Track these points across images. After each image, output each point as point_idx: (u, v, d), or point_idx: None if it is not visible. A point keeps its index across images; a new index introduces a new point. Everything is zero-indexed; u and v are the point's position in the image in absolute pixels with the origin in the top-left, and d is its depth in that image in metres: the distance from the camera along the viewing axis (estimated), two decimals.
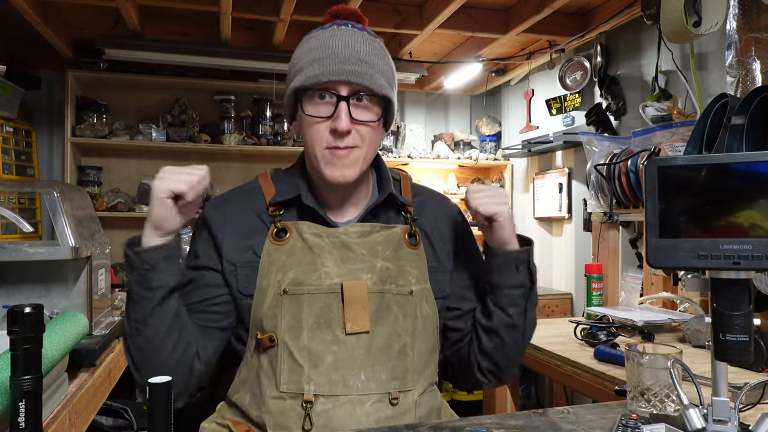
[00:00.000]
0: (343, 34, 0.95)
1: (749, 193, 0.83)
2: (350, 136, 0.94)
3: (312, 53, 0.94)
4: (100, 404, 1.46)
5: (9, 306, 0.68)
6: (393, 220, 1.05)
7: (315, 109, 0.95)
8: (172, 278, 0.92)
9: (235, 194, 1.06)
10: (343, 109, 0.93)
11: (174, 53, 2.91)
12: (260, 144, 3.26)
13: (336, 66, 0.92)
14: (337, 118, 0.93)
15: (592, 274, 2.31)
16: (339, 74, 0.92)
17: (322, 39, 0.95)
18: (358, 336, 0.94)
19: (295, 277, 0.94)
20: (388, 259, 0.99)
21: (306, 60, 0.94)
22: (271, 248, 0.97)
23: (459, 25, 2.78)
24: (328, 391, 0.91)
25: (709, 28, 1.81)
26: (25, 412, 0.67)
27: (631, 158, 2.20)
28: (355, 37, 0.95)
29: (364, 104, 0.96)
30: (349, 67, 0.92)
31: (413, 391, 0.97)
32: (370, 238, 0.99)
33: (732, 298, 0.84)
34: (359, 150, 0.96)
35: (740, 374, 1.36)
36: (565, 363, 1.61)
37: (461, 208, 1.15)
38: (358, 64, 0.93)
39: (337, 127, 0.92)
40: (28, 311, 0.67)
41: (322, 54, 0.93)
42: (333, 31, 0.96)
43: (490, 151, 3.90)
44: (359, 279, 0.96)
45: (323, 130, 0.94)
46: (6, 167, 2.80)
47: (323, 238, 0.98)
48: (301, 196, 0.99)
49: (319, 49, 0.94)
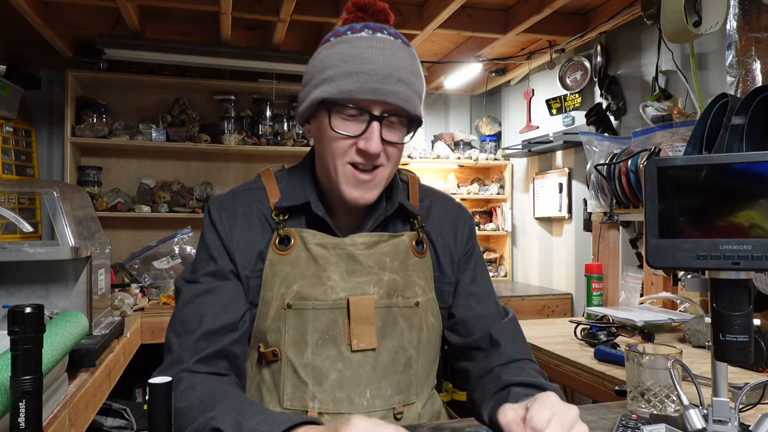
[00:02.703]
0: (381, 45, 0.88)
1: (749, 193, 0.83)
2: (379, 157, 0.89)
3: (347, 64, 0.86)
4: (100, 404, 1.46)
5: (9, 306, 0.68)
6: (400, 229, 1.00)
7: (344, 125, 0.88)
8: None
9: (239, 195, 0.99)
10: (375, 130, 0.87)
11: (174, 53, 2.91)
12: (260, 144, 3.26)
13: (373, 84, 0.85)
14: (368, 138, 0.87)
15: (592, 274, 2.31)
16: (376, 94, 0.86)
17: (359, 48, 0.87)
18: (364, 353, 0.91)
19: (299, 291, 0.91)
20: (395, 271, 0.95)
21: (339, 70, 0.87)
22: (275, 258, 0.93)
23: (459, 25, 2.78)
24: (333, 409, 0.90)
25: (709, 28, 1.81)
26: (26, 412, 0.67)
27: (631, 158, 2.20)
28: (394, 51, 0.88)
29: (395, 125, 0.90)
30: (387, 87, 0.86)
31: (417, 404, 0.96)
32: (377, 248, 0.95)
33: (732, 298, 0.84)
34: (383, 170, 0.91)
35: (740, 374, 1.36)
36: (565, 363, 1.61)
37: (470, 214, 1.11)
38: (397, 84, 0.86)
39: (368, 149, 0.87)
40: (29, 311, 0.66)
41: (359, 68, 0.86)
42: (369, 40, 0.88)
43: (490, 151, 3.91)
44: (366, 293, 0.93)
45: (348, 146, 0.89)
46: (6, 167, 2.80)
47: (329, 249, 0.93)
48: (310, 204, 0.94)
49: (356, 60, 0.86)
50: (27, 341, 0.67)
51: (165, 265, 2.88)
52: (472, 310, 1.01)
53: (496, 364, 0.96)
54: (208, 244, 0.95)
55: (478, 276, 1.05)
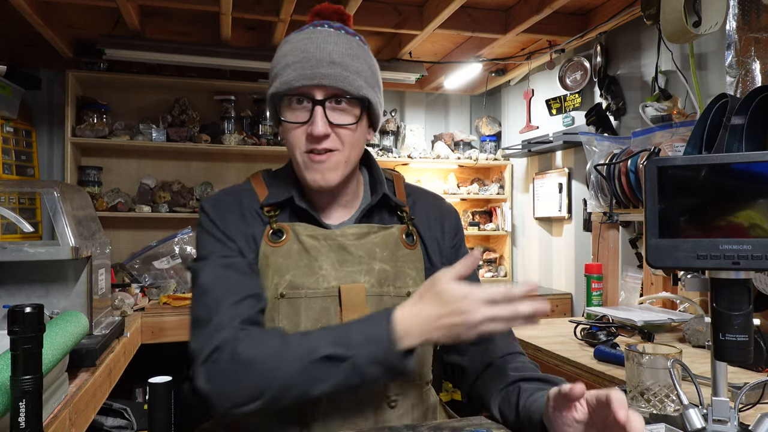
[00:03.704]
0: (316, 36, 0.93)
1: (749, 193, 0.83)
2: (328, 140, 0.92)
3: (286, 58, 0.93)
4: (100, 404, 1.46)
5: (9, 306, 0.68)
6: (387, 221, 1.03)
7: (292, 114, 0.94)
8: None
9: (229, 193, 1.03)
10: (318, 114, 0.91)
11: (174, 53, 2.91)
12: (260, 144, 3.26)
13: (308, 70, 0.90)
14: (312, 123, 0.91)
15: (592, 274, 2.31)
16: (312, 78, 0.90)
17: (296, 42, 0.93)
18: None
19: (292, 281, 0.93)
20: (385, 261, 0.98)
21: (281, 65, 0.93)
22: (268, 250, 0.95)
23: (459, 26, 2.78)
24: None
25: (709, 28, 1.82)
26: (26, 412, 0.67)
27: (631, 158, 2.20)
28: (328, 38, 0.93)
29: (342, 107, 0.93)
30: (321, 71, 0.90)
31: (411, 393, 0.97)
32: (367, 239, 0.98)
33: (732, 298, 0.85)
34: (339, 153, 0.94)
35: (740, 374, 1.36)
36: (565, 363, 1.61)
37: (456, 209, 1.14)
38: (331, 66, 0.91)
39: (313, 132, 0.91)
40: (29, 311, 0.67)
41: (294, 58, 0.92)
42: (308, 33, 0.94)
43: (490, 151, 3.91)
44: (357, 282, 0.95)
45: (300, 135, 0.93)
46: (6, 167, 2.80)
47: (320, 240, 0.96)
48: (294, 198, 0.98)
49: (293, 53, 0.92)
50: (27, 341, 0.67)
51: (165, 265, 2.88)
52: None
53: (492, 358, 1.00)
54: (211, 230, 0.96)
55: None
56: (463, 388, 1.05)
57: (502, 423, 0.92)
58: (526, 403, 0.87)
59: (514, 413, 0.89)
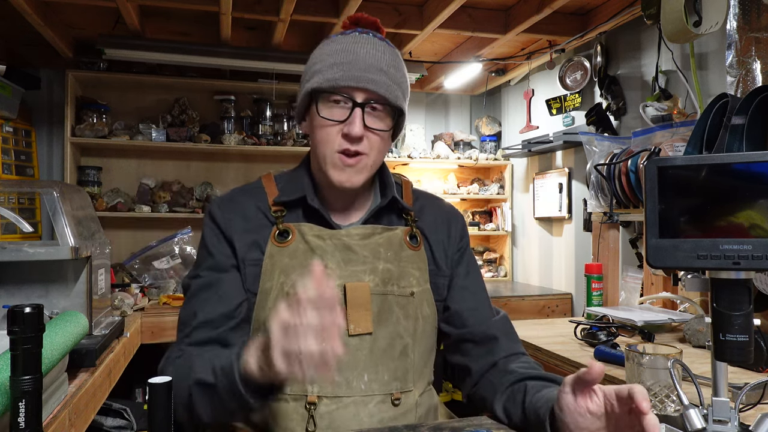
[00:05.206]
0: (365, 42, 0.96)
1: (749, 193, 0.83)
2: (361, 142, 0.95)
3: (333, 57, 0.95)
4: (100, 404, 1.46)
5: (9, 306, 0.68)
6: (395, 223, 1.06)
7: (329, 111, 0.95)
8: None
9: (239, 192, 1.07)
10: (357, 115, 0.94)
11: (174, 53, 2.91)
12: (260, 144, 3.26)
13: (356, 72, 0.93)
14: (351, 123, 0.94)
15: (592, 274, 2.31)
16: (358, 81, 0.93)
17: (344, 44, 0.96)
18: (361, 337, 0.95)
19: (297, 280, 0.94)
20: (389, 261, 1.00)
21: (326, 63, 0.95)
22: (274, 250, 0.98)
23: (459, 25, 2.78)
24: (332, 393, 0.92)
25: (709, 28, 1.81)
26: (25, 412, 0.67)
27: (631, 158, 2.20)
28: (376, 46, 0.97)
29: (378, 113, 0.97)
30: (368, 75, 0.93)
31: (414, 392, 0.98)
32: (372, 239, 1.00)
33: (732, 298, 0.85)
34: (367, 158, 0.97)
35: (740, 374, 1.36)
36: (565, 363, 1.61)
37: (462, 215, 1.16)
38: (378, 73, 0.94)
39: (351, 132, 0.93)
40: (28, 311, 0.66)
41: (343, 59, 0.94)
42: (355, 38, 0.97)
43: (490, 151, 3.90)
44: (361, 281, 0.97)
45: (335, 133, 0.95)
46: (6, 167, 2.80)
47: (325, 240, 0.98)
48: (306, 197, 1.00)
49: (341, 53, 0.95)
50: (27, 341, 0.67)
51: (165, 265, 2.88)
52: (465, 302, 1.06)
53: (496, 358, 1.01)
54: (207, 240, 1.01)
55: (471, 273, 1.10)
56: (465, 389, 1.06)
57: (506, 422, 0.93)
58: (532, 400, 0.88)
59: (520, 410, 0.90)
